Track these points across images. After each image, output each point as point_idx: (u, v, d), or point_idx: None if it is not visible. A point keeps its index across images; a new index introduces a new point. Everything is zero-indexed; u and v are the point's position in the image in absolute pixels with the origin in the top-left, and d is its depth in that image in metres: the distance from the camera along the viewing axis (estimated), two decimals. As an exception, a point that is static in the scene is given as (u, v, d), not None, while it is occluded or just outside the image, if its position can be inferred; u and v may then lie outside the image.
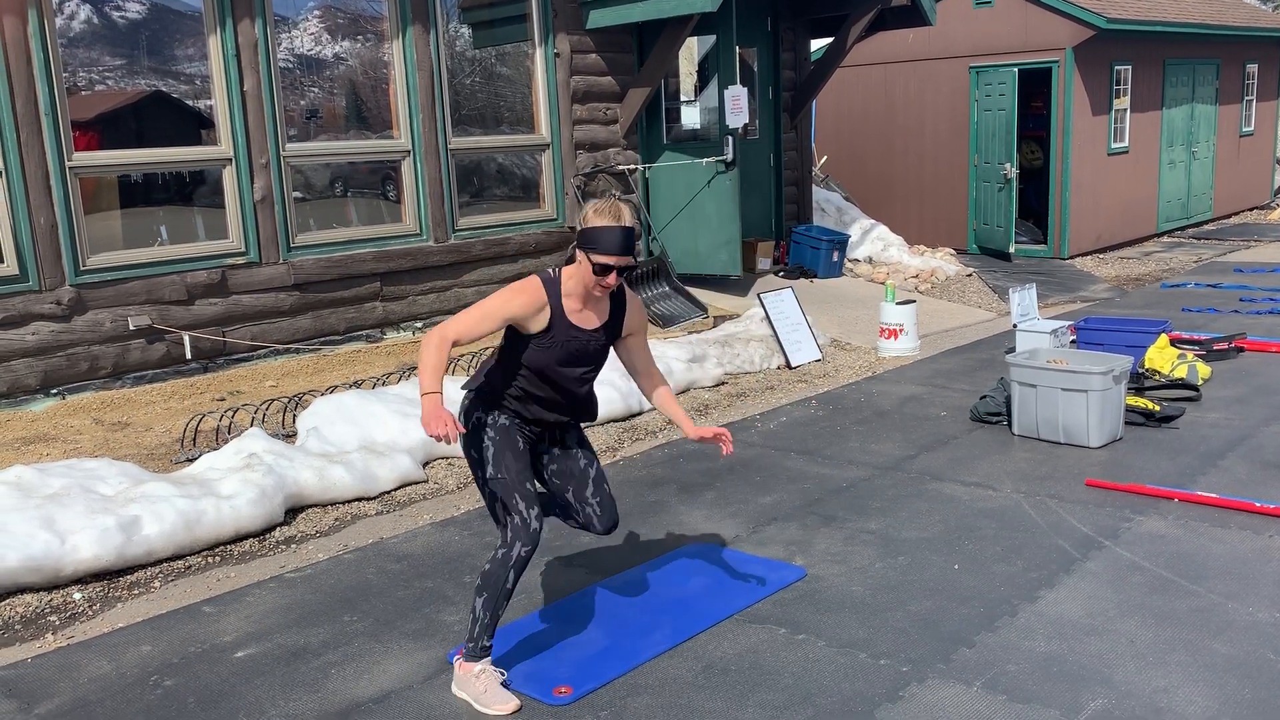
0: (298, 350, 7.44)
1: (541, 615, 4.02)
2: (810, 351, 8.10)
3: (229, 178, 7.12)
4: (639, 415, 6.81)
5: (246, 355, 7.21)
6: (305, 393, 6.59)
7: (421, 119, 8.02)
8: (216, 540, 4.82)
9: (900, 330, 8.24)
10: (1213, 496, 4.84)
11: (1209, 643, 3.59)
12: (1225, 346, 7.62)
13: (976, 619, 3.83)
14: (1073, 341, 7.42)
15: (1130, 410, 6.05)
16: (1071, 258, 13.21)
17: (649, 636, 3.80)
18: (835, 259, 10.65)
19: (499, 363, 3.51)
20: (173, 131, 7.09)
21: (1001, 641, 3.66)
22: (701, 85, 9.69)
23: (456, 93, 8.40)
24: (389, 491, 5.53)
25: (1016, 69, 12.62)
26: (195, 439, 5.93)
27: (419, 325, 8.16)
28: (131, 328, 6.67)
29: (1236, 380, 7.01)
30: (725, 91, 9.10)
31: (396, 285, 7.99)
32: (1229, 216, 16.98)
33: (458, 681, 3.45)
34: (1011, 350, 7.87)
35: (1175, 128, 14.88)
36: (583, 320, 3.46)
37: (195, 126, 7.14)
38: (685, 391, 7.24)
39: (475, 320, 3.30)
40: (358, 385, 6.69)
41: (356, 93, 8.07)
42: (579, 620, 3.96)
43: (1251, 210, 17.67)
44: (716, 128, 9.39)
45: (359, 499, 5.42)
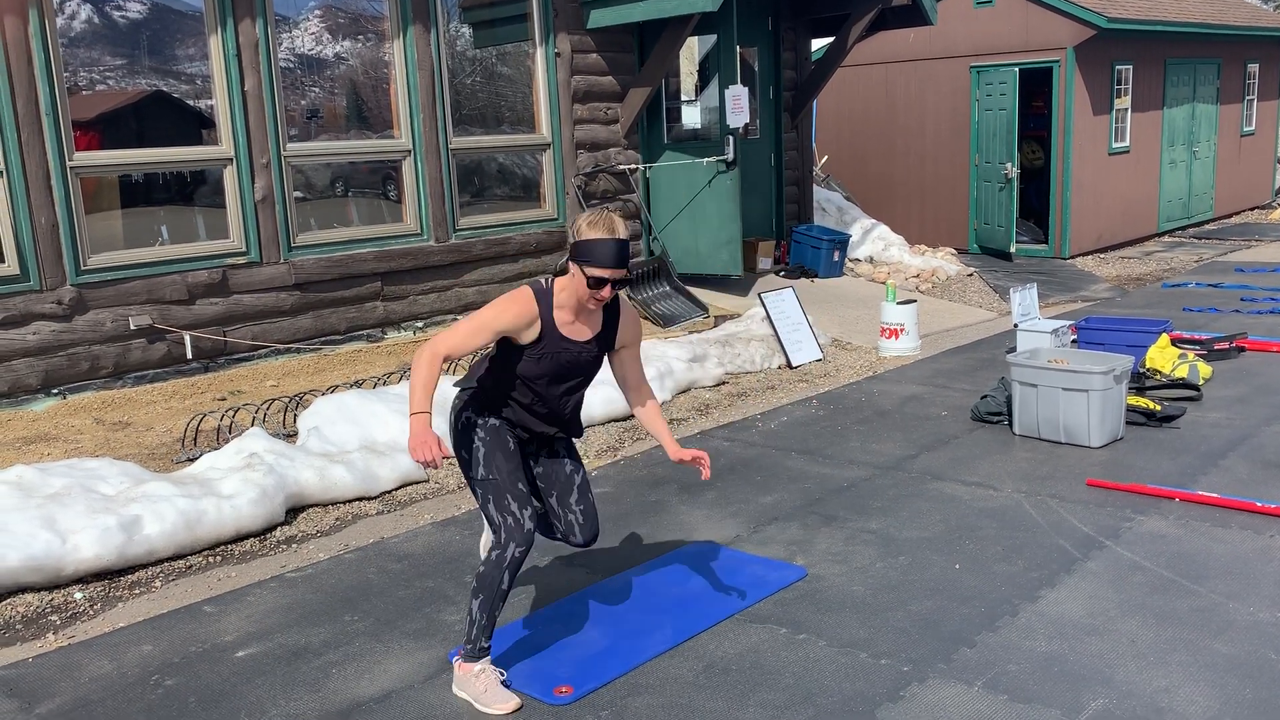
0: (298, 350, 7.45)
1: (542, 615, 4.02)
2: (811, 351, 8.10)
3: (230, 177, 7.12)
4: (640, 415, 6.80)
5: (247, 355, 7.21)
6: (306, 392, 6.59)
7: (422, 119, 8.02)
8: (217, 540, 4.83)
9: (901, 330, 8.24)
10: (1214, 496, 4.84)
11: (1210, 643, 3.59)
12: (1226, 346, 7.62)
13: (977, 619, 3.83)
14: (1073, 341, 7.42)
15: (1131, 410, 6.05)
16: (1072, 257, 13.21)
17: (650, 636, 3.80)
18: (836, 259, 10.65)
19: (490, 368, 3.49)
20: (173, 131, 7.09)
21: (1002, 641, 3.66)
22: (702, 85, 9.69)
23: (457, 92, 8.40)
24: (390, 491, 5.53)
25: (1017, 69, 12.62)
26: (196, 439, 5.93)
27: (420, 325, 8.16)
28: (132, 327, 6.68)
29: (1237, 380, 7.00)
30: (726, 91, 9.10)
31: (397, 285, 7.99)
32: (1230, 216, 16.97)
33: (458, 682, 3.45)
34: (1012, 350, 7.87)
35: (1176, 127, 14.87)
36: (574, 332, 3.43)
37: (196, 126, 7.14)
38: (686, 391, 7.24)
39: (465, 335, 3.28)
40: (359, 385, 6.69)
41: (357, 92, 8.07)
42: (579, 620, 3.96)
43: (1252, 210, 17.66)
44: (717, 127, 9.39)
45: (360, 498, 5.42)
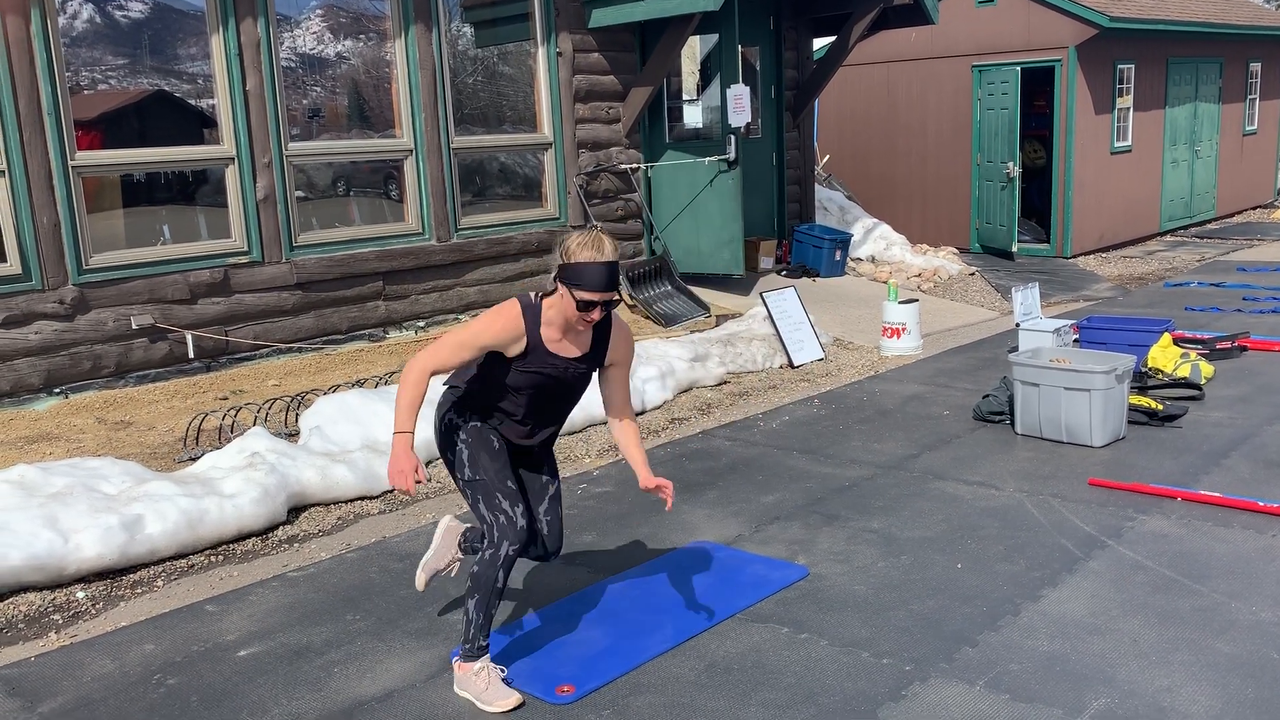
0: (300, 349, 7.45)
1: (543, 614, 4.02)
2: (813, 350, 8.10)
3: (231, 177, 7.12)
4: (641, 414, 6.81)
5: (249, 354, 7.21)
6: (308, 392, 6.60)
7: (424, 118, 8.02)
8: (219, 539, 4.83)
9: (903, 329, 8.24)
10: (1216, 496, 4.84)
11: (1212, 642, 3.58)
12: (1228, 345, 7.61)
13: (979, 618, 3.83)
14: (1075, 340, 7.42)
15: (1133, 409, 6.04)
16: (1074, 257, 13.20)
17: (651, 635, 3.80)
18: (838, 258, 10.65)
19: (477, 374, 3.47)
20: (175, 131, 7.09)
21: (1004, 641, 3.66)
22: (704, 84, 9.69)
23: (459, 92, 8.41)
24: (392, 490, 5.53)
25: (1019, 68, 12.62)
26: (198, 438, 5.94)
27: (421, 324, 8.16)
28: (134, 327, 6.68)
29: (1239, 379, 7.00)
30: (728, 90, 9.10)
31: (399, 284, 7.99)
32: (1232, 215, 16.96)
33: (458, 681, 3.45)
34: (1014, 349, 7.86)
35: (1178, 126, 14.86)
36: (562, 349, 3.39)
37: (198, 126, 7.14)
38: (688, 390, 7.24)
39: (451, 350, 3.27)
40: (360, 384, 6.69)
41: (359, 92, 8.07)
42: (581, 619, 3.96)
43: (1255, 209, 17.65)
44: (719, 127, 9.39)
45: (362, 498, 5.42)
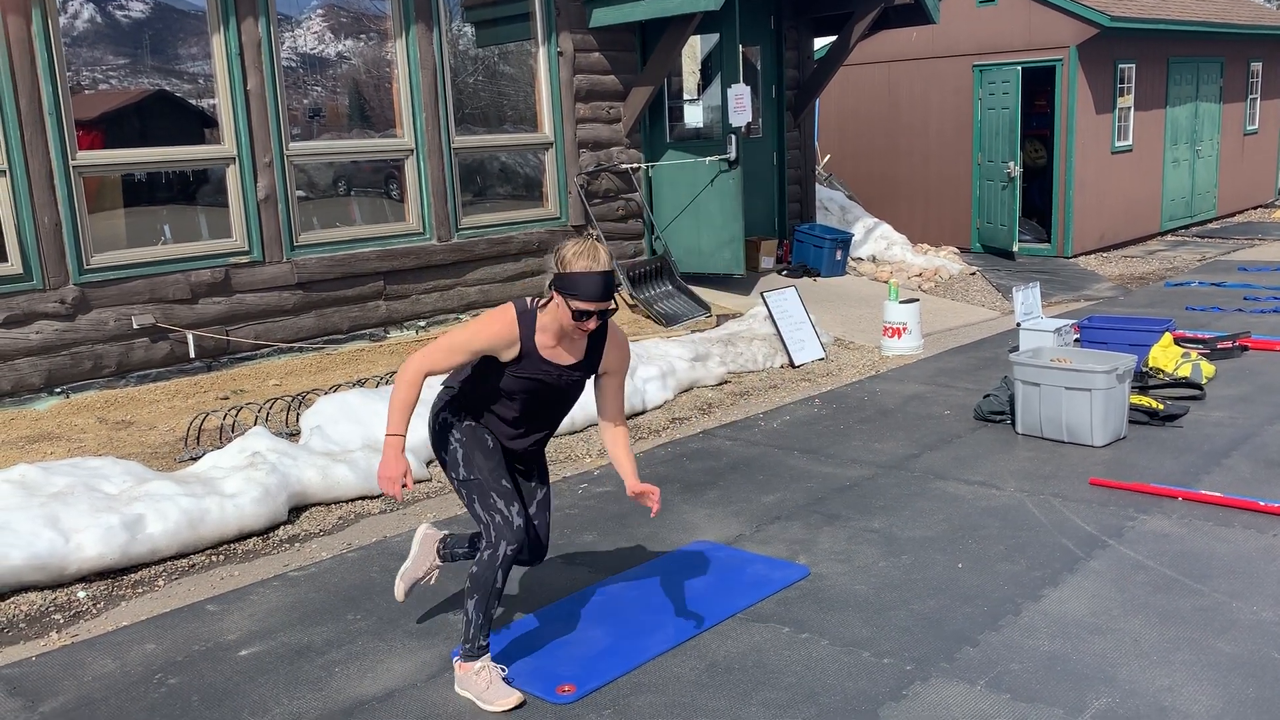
0: (301, 349, 7.45)
1: (544, 614, 4.02)
2: (813, 350, 8.10)
3: (232, 177, 7.12)
4: (642, 414, 6.81)
5: (250, 354, 7.21)
6: (309, 391, 6.60)
7: (425, 118, 8.02)
8: (220, 539, 4.83)
9: (904, 329, 8.23)
10: (1217, 495, 4.84)
11: (1213, 642, 3.58)
12: (1229, 345, 7.61)
13: (980, 618, 3.83)
14: (1076, 340, 7.42)
15: (1134, 409, 6.04)
16: (1075, 256, 13.20)
17: (652, 635, 3.80)
18: (838, 258, 10.65)
19: (472, 375, 3.47)
20: (176, 130, 7.09)
21: (1005, 640, 3.66)
22: (704, 84, 9.69)
23: (459, 91, 8.41)
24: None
25: (1020, 67, 12.61)
26: (199, 438, 5.94)
27: (422, 324, 8.16)
28: (135, 326, 6.68)
29: (1240, 379, 7.00)
30: (728, 90, 9.10)
31: (400, 284, 8.00)
32: (1233, 215, 16.96)
33: (459, 681, 3.45)
34: (1015, 349, 7.86)
35: (1179, 126, 14.86)
36: (556, 355, 3.37)
37: (199, 125, 7.14)
38: (689, 390, 7.24)
39: (445, 353, 3.27)
40: (361, 384, 6.69)
41: (359, 91, 8.07)
42: (582, 619, 3.96)
43: (1256, 209, 17.64)
44: (720, 126, 9.39)
45: (363, 497, 5.42)
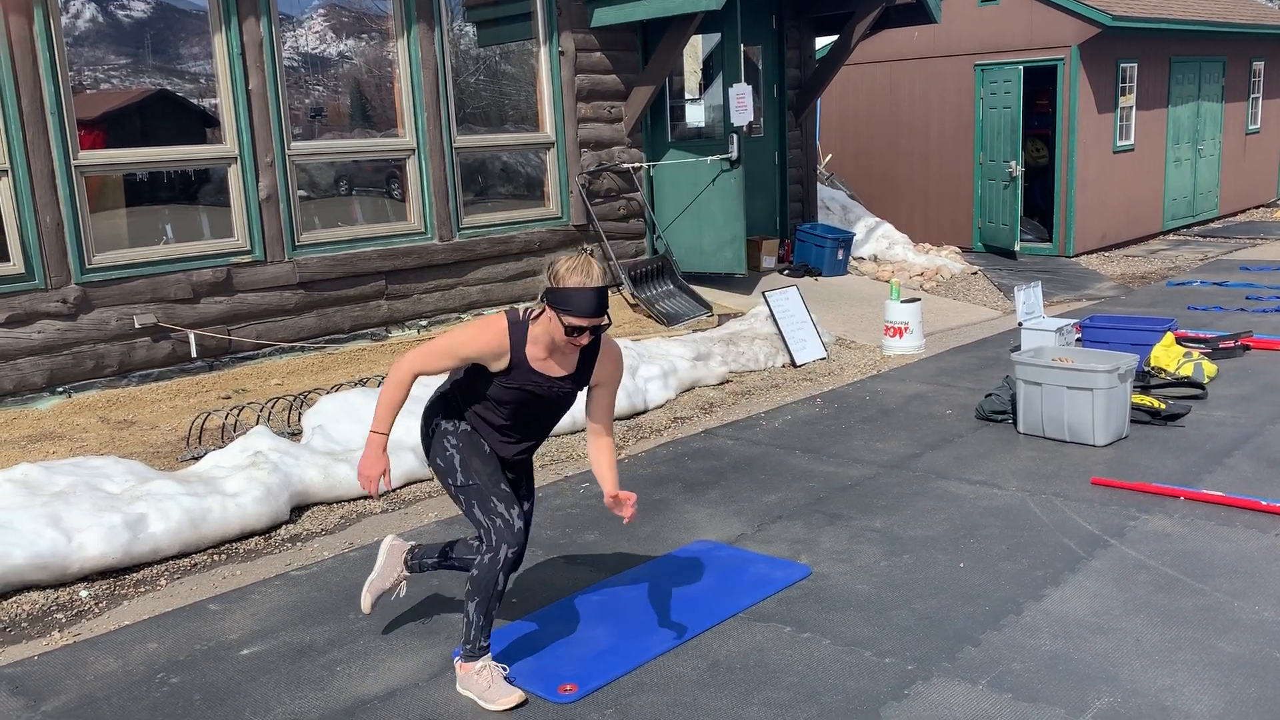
0: (303, 348, 7.46)
1: (546, 614, 4.02)
2: (815, 350, 8.09)
3: (234, 176, 7.12)
4: (644, 413, 6.81)
5: (252, 354, 7.22)
6: (310, 391, 6.60)
7: (426, 117, 8.02)
8: (222, 538, 4.84)
9: (905, 328, 8.23)
10: (1219, 495, 4.83)
11: (1215, 641, 3.58)
12: (1231, 344, 7.60)
13: (982, 617, 3.83)
14: (1078, 339, 7.41)
15: (1136, 408, 6.04)
16: (1077, 256, 13.19)
17: (653, 635, 3.80)
18: (840, 257, 10.65)
19: (464, 380, 3.46)
20: (178, 130, 7.10)
21: (1007, 640, 3.66)
22: (706, 83, 9.68)
23: (461, 91, 8.41)
24: (394, 489, 5.53)
25: (1022, 67, 12.60)
26: (201, 437, 5.94)
27: (424, 324, 8.16)
28: (137, 326, 6.68)
29: (1242, 378, 6.99)
30: (730, 89, 9.10)
31: (401, 284, 8.00)
32: (1235, 214, 16.95)
33: (461, 681, 3.45)
34: (1017, 348, 7.85)
35: (1181, 125, 14.85)
36: (546, 367, 3.36)
37: (200, 125, 7.15)
38: (690, 390, 7.24)
39: (436, 356, 3.27)
40: (363, 383, 6.70)
41: (361, 91, 8.07)
42: (583, 618, 3.96)
43: (1258, 208, 17.63)
44: (721, 126, 9.38)
45: (364, 497, 5.43)
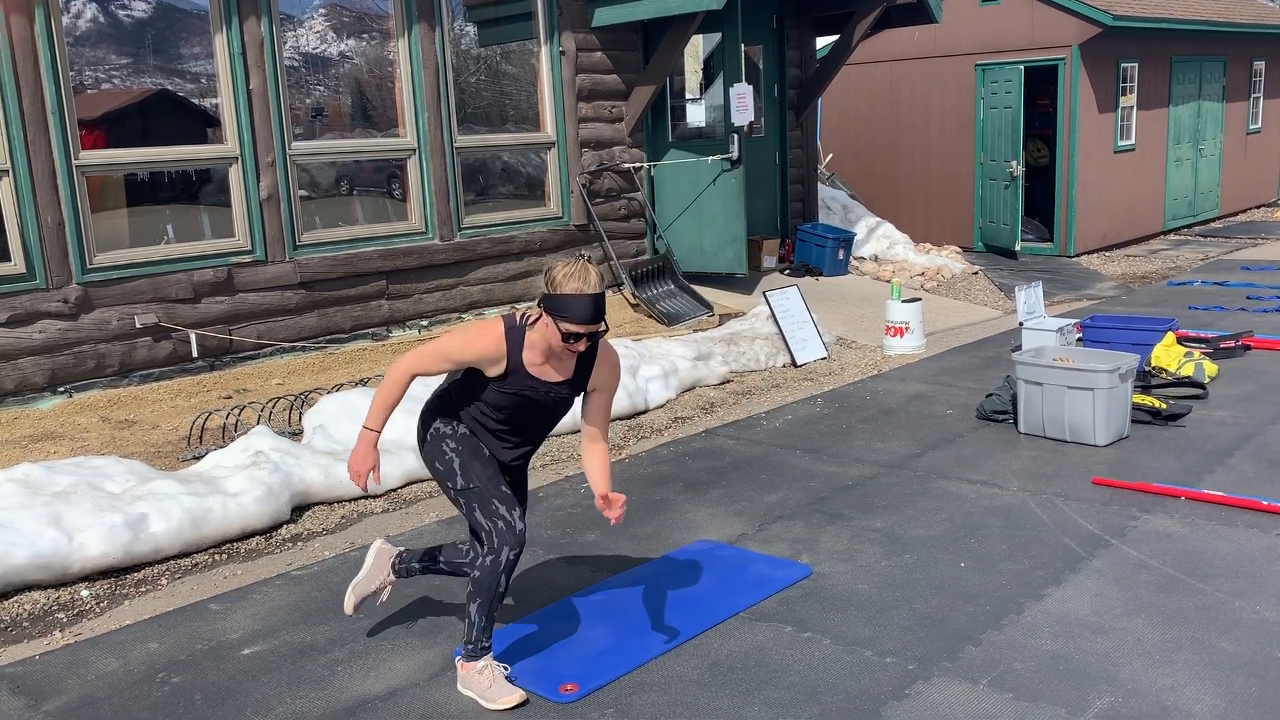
0: (304, 348, 7.46)
1: (547, 613, 4.02)
2: (816, 349, 8.09)
3: (235, 176, 7.13)
4: (645, 413, 6.81)
5: (253, 353, 7.22)
6: (311, 391, 6.60)
7: (427, 117, 8.03)
8: (223, 538, 4.84)
9: (906, 328, 8.23)
10: (1220, 495, 4.83)
11: (1216, 641, 3.58)
12: (1232, 344, 7.60)
13: (983, 617, 3.83)
14: (1079, 339, 7.41)
15: (1137, 408, 6.04)
16: (1078, 255, 13.19)
17: (654, 634, 3.80)
18: (841, 257, 10.65)
19: (461, 382, 3.46)
20: (179, 130, 7.10)
21: (1008, 640, 3.66)
22: (707, 83, 9.69)
23: (462, 91, 8.41)
24: (395, 489, 5.54)
25: (1023, 66, 12.60)
26: (202, 437, 5.95)
27: (424, 323, 8.17)
28: (138, 326, 6.69)
29: (1243, 378, 6.99)
30: (731, 89, 9.10)
31: (402, 283, 8.00)
32: (1236, 214, 16.94)
33: (462, 680, 3.46)
34: (1018, 348, 7.85)
35: (1182, 125, 14.84)
36: (543, 373, 3.35)
37: (201, 125, 7.15)
38: (691, 390, 7.25)
39: (433, 359, 3.28)
40: (364, 383, 6.70)
41: (362, 91, 8.07)
42: (584, 618, 3.97)
43: (1259, 208, 17.62)
44: (722, 125, 9.38)
45: (365, 497, 5.43)
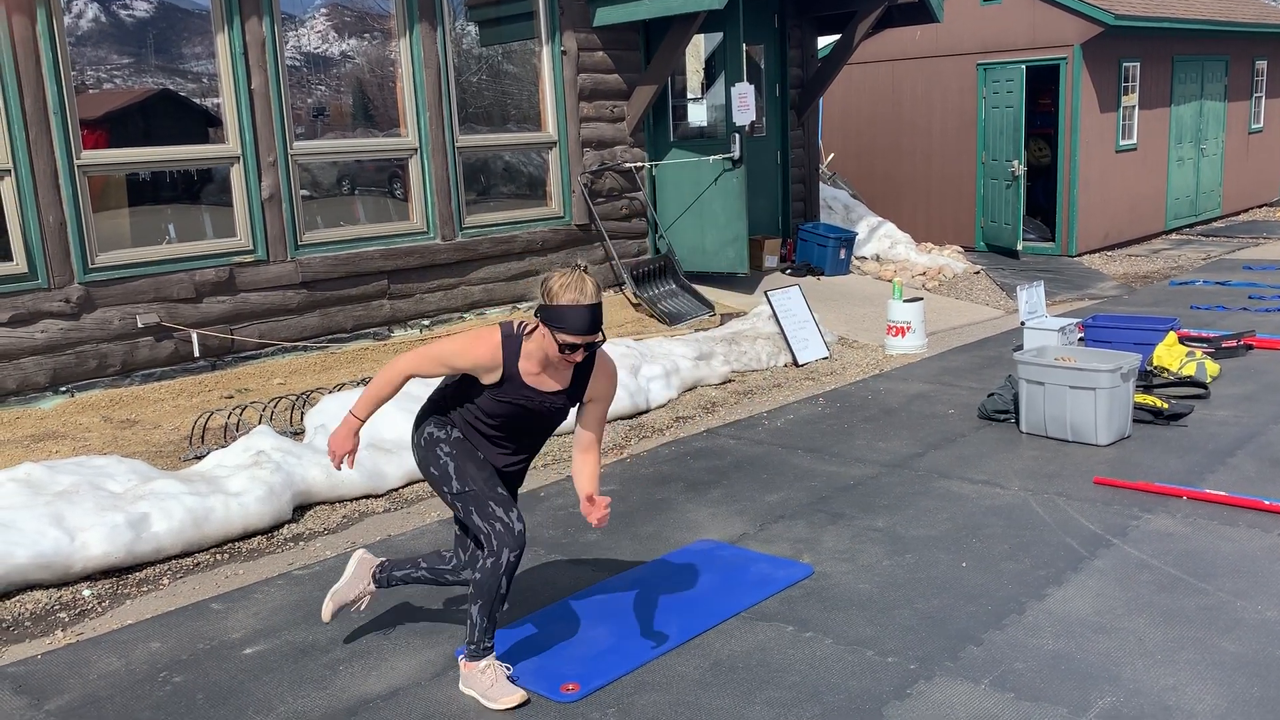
0: (305, 348, 7.46)
1: (548, 613, 4.02)
2: (817, 349, 8.09)
3: (237, 176, 7.13)
4: (646, 413, 6.81)
5: (254, 353, 7.22)
6: (313, 390, 6.61)
7: (429, 117, 8.03)
8: (225, 537, 4.84)
9: (908, 328, 8.23)
10: (1221, 494, 4.83)
11: (1217, 641, 3.58)
12: (1234, 344, 7.60)
13: (984, 617, 3.83)
14: (1081, 339, 7.41)
15: (1138, 408, 6.03)
16: (1079, 255, 13.18)
17: (656, 634, 3.80)
18: (842, 256, 10.64)
19: (458, 385, 3.46)
20: (180, 130, 7.10)
21: (1009, 639, 3.66)
22: (708, 83, 9.69)
23: (463, 90, 8.41)
24: (397, 489, 5.54)
25: (1024, 66, 12.59)
26: (203, 436, 5.95)
27: (426, 323, 8.17)
28: (140, 325, 6.69)
29: (1245, 378, 6.99)
30: (732, 89, 9.10)
31: (404, 283, 8.00)
32: (1238, 214, 16.93)
33: (464, 680, 3.46)
34: (1019, 348, 7.85)
35: (1184, 125, 14.83)
36: (539, 382, 3.34)
37: (203, 125, 7.15)
38: (692, 389, 7.24)
39: (430, 362, 3.28)
40: (365, 383, 6.70)
41: (363, 91, 8.08)
42: (586, 618, 3.97)
43: (1261, 207, 17.61)
44: (723, 125, 9.38)
45: (367, 496, 5.43)
